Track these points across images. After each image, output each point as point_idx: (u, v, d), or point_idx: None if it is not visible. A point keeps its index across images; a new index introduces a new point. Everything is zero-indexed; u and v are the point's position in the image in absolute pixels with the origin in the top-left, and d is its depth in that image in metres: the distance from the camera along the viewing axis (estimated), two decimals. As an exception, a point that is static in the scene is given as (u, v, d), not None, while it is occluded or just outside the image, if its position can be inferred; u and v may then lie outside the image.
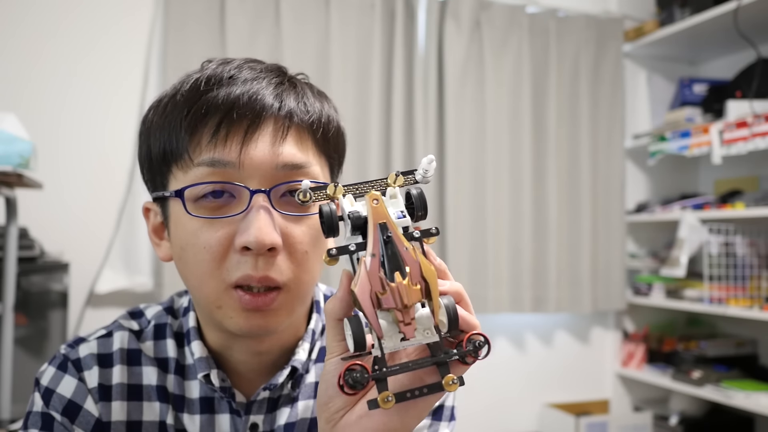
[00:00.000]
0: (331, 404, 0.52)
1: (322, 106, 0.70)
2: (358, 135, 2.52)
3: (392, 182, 0.53)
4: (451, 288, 0.52)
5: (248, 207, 0.63)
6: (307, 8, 2.48)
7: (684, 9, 2.70)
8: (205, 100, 0.64)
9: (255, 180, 0.63)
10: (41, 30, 2.27)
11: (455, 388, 0.49)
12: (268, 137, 0.64)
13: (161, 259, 0.71)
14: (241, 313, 0.64)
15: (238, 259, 0.63)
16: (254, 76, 0.66)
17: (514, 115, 2.76)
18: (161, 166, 0.67)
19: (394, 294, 0.47)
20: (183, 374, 0.73)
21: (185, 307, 0.75)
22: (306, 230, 0.65)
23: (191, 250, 0.64)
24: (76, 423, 0.69)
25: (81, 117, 2.30)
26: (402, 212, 0.51)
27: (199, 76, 0.66)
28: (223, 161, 0.63)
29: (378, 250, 0.48)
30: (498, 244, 2.69)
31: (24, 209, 1.90)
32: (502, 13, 2.74)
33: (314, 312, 0.76)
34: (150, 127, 0.68)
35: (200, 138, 0.64)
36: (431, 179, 0.54)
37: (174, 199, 0.65)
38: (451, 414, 0.75)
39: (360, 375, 0.48)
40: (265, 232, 0.61)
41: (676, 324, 2.99)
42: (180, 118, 0.64)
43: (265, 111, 0.64)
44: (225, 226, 0.63)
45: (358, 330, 0.48)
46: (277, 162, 0.64)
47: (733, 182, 2.81)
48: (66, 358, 0.72)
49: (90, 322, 2.24)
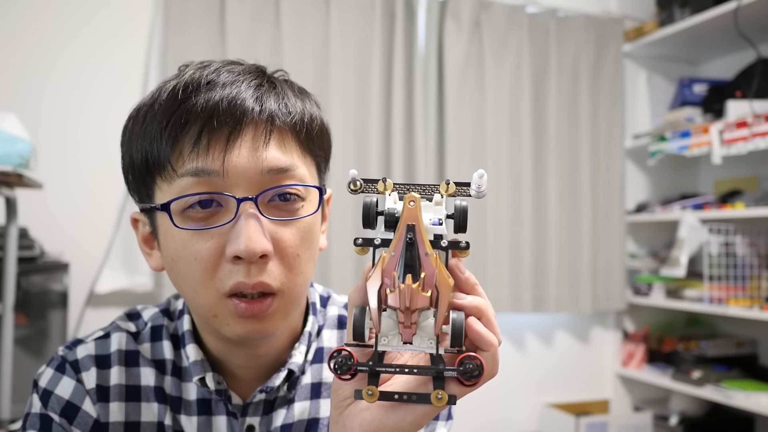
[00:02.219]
0: (340, 391, 0.53)
1: (303, 104, 0.69)
2: (358, 135, 2.52)
3: (443, 190, 0.53)
4: (471, 303, 0.51)
5: (236, 215, 0.62)
6: (307, 8, 2.48)
7: (684, 9, 2.70)
8: (184, 109, 0.63)
9: (241, 187, 0.63)
10: (41, 30, 2.27)
11: (442, 404, 0.48)
12: (250, 142, 0.63)
13: (153, 269, 0.71)
14: (238, 320, 0.64)
15: (230, 269, 0.62)
16: (233, 80, 0.65)
17: (514, 115, 2.76)
18: (145, 177, 0.66)
19: (400, 294, 0.47)
20: (180, 376, 0.73)
21: (180, 309, 0.76)
22: (296, 233, 0.65)
23: (182, 261, 0.64)
24: (74, 424, 0.69)
25: (81, 117, 2.30)
26: (440, 220, 0.51)
27: (177, 83, 0.65)
28: (207, 170, 0.62)
29: (399, 249, 0.48)
30: (498, 244, 2.69)
31: (24, 209, 1.90)
32: (502, 13, 2.74)
33: (310, 314, 0.76)
34: (130, 137, 0.68)
35: (182, 148, 0.63)
36: (485, 194, 0.53)
37: (161, 212, 0.64)
38: (449, 413, 0.75)
39: (343, 360, 0.49)
40: (254, 240, 0.61)
41: (676, 324, 2.99)
42: (160, 128, 0.63)
43: (246, 116, 0.63)
44: (215, 236, 0.63)
45: (359, 320, 0.49)
46: (262, 167, 0.63)
47: (733, 182, 2.81)
48: (64, 359, 0.72)
49: (90, 322, 2.24)
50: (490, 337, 0.50)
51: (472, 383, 0.49)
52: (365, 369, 0.49)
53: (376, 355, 0.49)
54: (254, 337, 0.65)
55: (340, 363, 0.49)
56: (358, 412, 0.52)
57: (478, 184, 0.52)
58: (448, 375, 0.49)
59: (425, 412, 0.51)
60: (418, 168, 2.57)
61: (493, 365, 0.50)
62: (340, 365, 0.49)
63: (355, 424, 0.52)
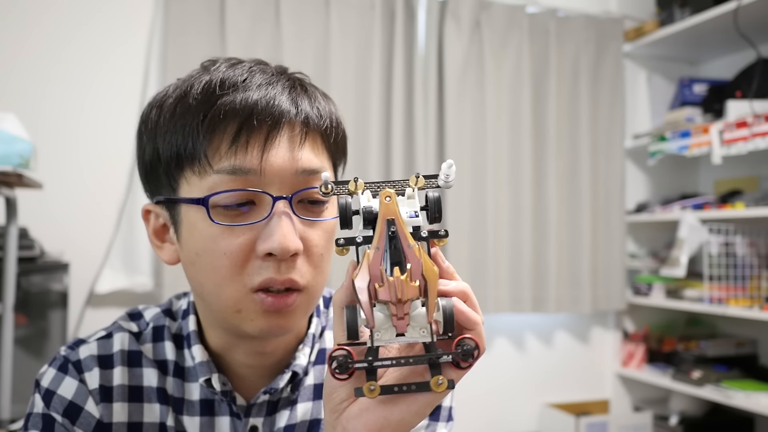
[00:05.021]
0: (335, 395, 0.53)
1: (331, 109, 0.71)
2: (358, 135, 2.52)
3: (413, 184, 0.54)
4: (456, 288, 0.52)
5: (270, 213, 0.63)
6: (307, 8, 2.48)
7: (684, 9, 2.70)
8: (222, 104, 0.63)
9: (275, 186, 0.64)
10: (41, 30, 2.27)
11: (442, 389, 0.49)
12: (287, 143, 0.65)
13: (166, 262, 0.71)
14: (262, 314, 0.64)
15: (261, 264, 0.63)
16: (267, 80, 0.66)
17: (514, 115, 2.76)
18: (171, 169, 0.66)
19: (390, 287, 0.47)
20: (182, 376, 0.73)
21: (184, 309, 0.75)
22: (322, 234, 0.67)
23: (209, 255, 0.64)
24: (77, 424, 0.69)
25: (81, 117, 2.30)
26: (415, 212, 0.52)
27: (210, 78, 0.65)
28: (244, 168, 0.63)
29: (382, 244, 0.49)
30: (498, 244, 2.69)
31: (24, 209, 1.90)
32: (502, 13, 2.74)
33: (314, 315, 0.76)
34: (155, 127, 0.67)
35: (219, 143, 0.63)
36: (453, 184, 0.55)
37: (190, 205, 0.65)
38: (449, 414, 0.75)
39: (343, 359, 0.49)
40: (289, 239, 0.62)
41: (676, 324, 2.99)
42: (196, 121, 0.64)
43: (284, 117, 0.64)
44: (246, 232, 0.63)
45: (352, 318, 0.49)
46: (297, 168, 0.64)
47: (733, 182, 2.82)
48: (66, 359, 0.72)
49: (90, 322, 2.24)
50: (475, 315, 0.51)
51: (468, 364, 0.50)
52: (365, 366, 0.49)
53: (374, 350, 0.49)
54: (276, 333, 0.66)
55: (341, 363, 0.49)
56: (358, 414, 0.52)
57: (446, 173, 0.53)
58: (447, 360, 0.49)
59: (427, 401, 0.51)
60: (418, 168, 2.57)
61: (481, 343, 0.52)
62: (341, 365, 0.49)
63: (358, 426, 0.52)
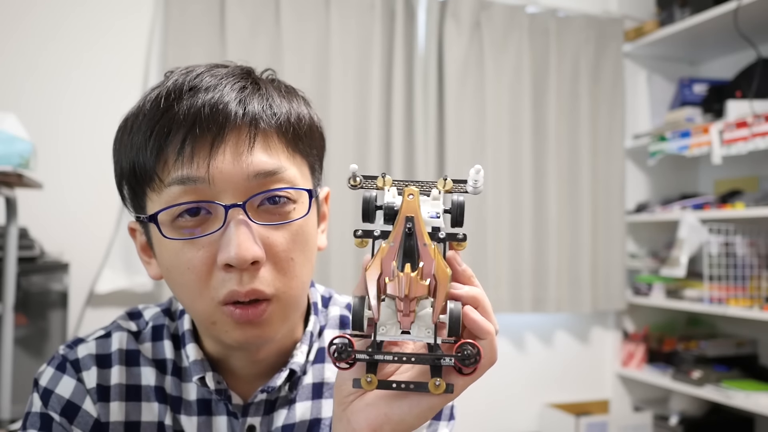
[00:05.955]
0: (343, 387, 0.53)
1: (290, 104, 0.67)
2: (358, 135, 2.52)
3: (440, 186, 0.54)
4: (468, 293, 0.51)
5: (225, 223, 0.61)
6: (307, 8, 2.48)
7: (684, 9, 2.70)
8: (167, 117, 0.62)
9: (228, 193, 0.62)
10: (41, 30, 2.27)
11: (439, 391, 0.49)
12: (234, 147, 0.62)
13: (152, 277, 0.71)
14: (235, 326, 0.64)
15: (223, 276, 0.62)
16: (215, 83, 0.63)
17: (514, 115, 2.76)
18: (135, 189, 0.66)
19: (399, 283, 0.47)
20: (180, 376, 0.73)
21: (181, 309, 0.75)
22: (288, 236, 0.64)
23: (175, 271, 0.64)
24: (74, 423, 0.69)
25: (81, 117, 2.30)
26: (437, 213, 0.52)
27: (160, 90, 0.64)
28: (192, 178, 0.61)
29: (398, 240, 0.49)
30: (498, 244, 2.69)
31: (24, 209, 1.90)
32: (502, 13, 2.74)
33: (312, 314, 0.75)
34: (119, 146, 0.67)
35: (167, 157, 0.62)
36: (482, 189, 0.54)
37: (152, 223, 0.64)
38: (451, 413, 0.75)
39: (343, 346, 0.49)
40: (244, 248, 0.60)
41: (676, 324, 2.99)
42: (145, 138, 0.63)
43: (229, 120, 0.62)
44: (206, 245, 0.62)
45: (358, 308, 0.49)
46: (248, 172, 0.62)
47: (733, 182, 2.81)
48: (65, 358, 0.72)
49: (90, 322, 2.24)
50: (487, 325, 0.50)
51: (471, 371, 0.50)
52: (364, 356, 0.49)
53: (375, 342, 0.49)
54: (254, 342, 0.65)
55: (339, 348, 0.49)
56: (362, 408, 0.52)
57: (474, 179, 0.54)
58: (446, 363, 0.49)
59: (430, 404, 0.51)
60: (418, 168, 2.57)
61: (491, 353, 0.51)
62: (339, 350, 0.49)
63: (360, 419, 0.52)
